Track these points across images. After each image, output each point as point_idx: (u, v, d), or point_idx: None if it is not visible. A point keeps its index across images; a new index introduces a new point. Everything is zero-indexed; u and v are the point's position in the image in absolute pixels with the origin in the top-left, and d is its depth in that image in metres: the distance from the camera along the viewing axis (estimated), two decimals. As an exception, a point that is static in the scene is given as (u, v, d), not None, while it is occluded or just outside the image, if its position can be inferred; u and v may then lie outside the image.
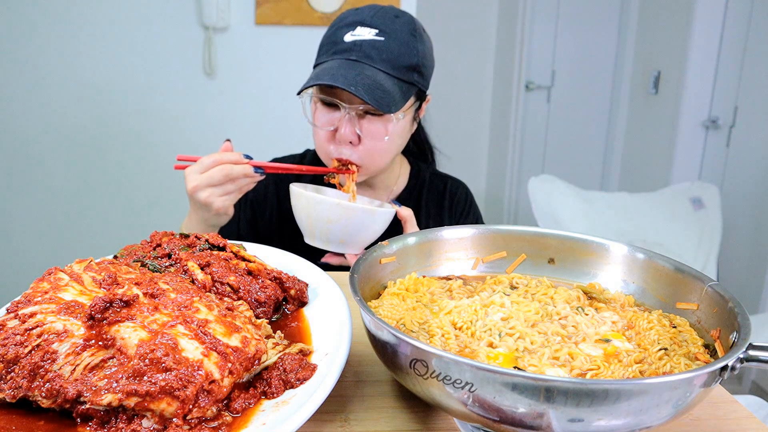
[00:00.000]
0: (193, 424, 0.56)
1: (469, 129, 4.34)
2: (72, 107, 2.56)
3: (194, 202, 1.09)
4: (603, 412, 0.49)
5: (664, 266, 0.75)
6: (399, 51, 1.13)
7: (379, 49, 1.11)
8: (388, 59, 1.12)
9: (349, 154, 1.16)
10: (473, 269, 0.85)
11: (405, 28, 1.15)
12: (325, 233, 1.08)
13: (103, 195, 2.68)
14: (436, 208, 1.38)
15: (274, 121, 2.67)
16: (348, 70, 1.09)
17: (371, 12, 1.15)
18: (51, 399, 0.56)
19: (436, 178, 1.42)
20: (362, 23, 1.13)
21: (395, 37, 1.13)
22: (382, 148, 1.17)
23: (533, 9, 3.91)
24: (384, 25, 1.13)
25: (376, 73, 1.10)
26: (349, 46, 1.12)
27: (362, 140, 1.15)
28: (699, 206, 2.88)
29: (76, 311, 0.62)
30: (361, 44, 1.11)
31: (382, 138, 1.15)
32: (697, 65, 3.22)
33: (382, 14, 1.15)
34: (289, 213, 1.35)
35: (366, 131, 1.14)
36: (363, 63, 1.11)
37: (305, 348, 0.68)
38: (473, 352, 0.63)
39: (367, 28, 1.13)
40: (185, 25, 2.51)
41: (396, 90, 1.12)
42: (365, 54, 1.11)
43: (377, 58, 1.11)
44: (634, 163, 3.86)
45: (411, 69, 1.14)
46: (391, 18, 1.15)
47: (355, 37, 1.12)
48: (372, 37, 1.12)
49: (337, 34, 1.15)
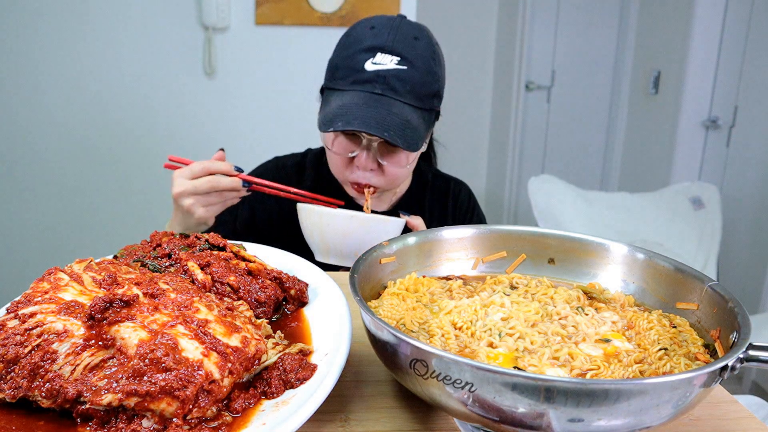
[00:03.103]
0: (193, 424, 0.56)
1: (469, 129, 4.34)
2: (72, 107, 2.56)
3: (177, 206, 1.09)
4: (603, 412, 0.49)
5: (664, 266, 0.75)
6: (422, 80, 1.10)
7: (404, 81, 1.08)
8: (412, 90, 1.09)
9: (368, 178, 1.15)
10: (473, 269, 0.85)
11: (426, 52, 1.11)
12: (340, 248, 1.06)
13: (103, 195, 2.68)
14: (439, 210, 1.38)
15: (274, 121, 2.67)
16: (376, 109, 1.06)
17: (390, 35, 1.10)
18: (51, 399, 0.56)
19: (439, 179, 1.41)
20: (382, 49, 1.09)
21: (417, 64, 1.09)
22: (402, 174, 1.17)
23: (533, 9, 3.91)
24: (405, 51, 1.09)
25: (402, 108, 1.08)
26: (371, 76, 1.08)
27: (383, 168, 1.14)
28: (699, 206, 2.88)
29: (76, 311, 0.62)
30: (385, 75, 1.07)
31: (403, 166, 1.15)
32: (697, 65, 3.22)
33: (402, 38, 1.10)
34: (289, 213, 1.35)
35: (388, 160, 1.13)
36: (389, 98, 1.07)
37: (305, 348, 0.68)
38: (473, 352, 0.63)
39: (388, 55, 1.08)
40: (185, 25, 2.51)
41: (421, 123, 1.10)
42: (390, 86, 1.07)
43: (402, 91, 1.08)
44: (634, 163, 3.86)
45: (432, 96, 1.12)
46: (410, 42, 1.11)
47: (378, 67, 1.08)
48: (394, 66, 1.08)
49: (356, 60, 1.10)
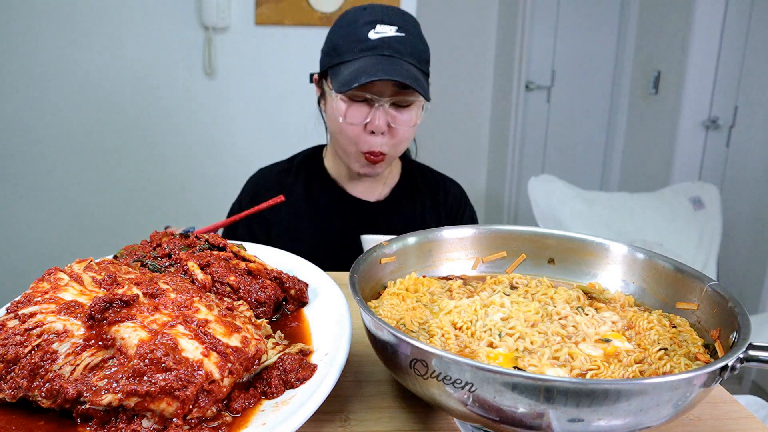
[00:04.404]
0: (193, 424, 0.56)
1: (469, 129, 4.34)
2: (72, 107, 2.56)
3: None
4: (603, 412, 0.49)
5: (664, 266, 0.75)
6: (419, 46, 1.21)
7: (405, 44, 1.18)
8: (413, 53, 1.19)
9: (380, 144, 1.23)
10: (473, 269, 0.85)
11: (416, 25, 1.23)
12: None
13: (103, 195, 2.68)
14: (432, 201, 1.42)
15: (274, 121, 2.67)
16: (389, 65, 1.15)
17: (384, 11, 1.21)
18: (51, 399, 0.56)
19: (430, 173, 1.46)
20: (381, 21, 1.19)
21: (413, 33, 1.21)
22: (408, 135, 1.25)
23: (533, 9, 3.90)
24: (401, 22, 1.20)
25: (409, 66, 1.17)
26: (376, 43, 1.17)
27: (392, 129, 1.22)
28: (699, 206, 2.88)
29: (76, 311, 0.62)
30: (389, 41, 1.17)
31: (410, 126, 1.23)
32: (697, 65, 3.22)
33: (394, 12, 1.22)
34: (287, 213, 1.35)
35: (397, 121, 1.21)
36: (396, 58, 1.17)
37: (305, 348, 0.68)
38: (473, 352, 0.63)
39: (386, 26, 1.18)
40: (185, 25, 2.51)
41: (425, 81, 1.21)
42: (395, 50, 1.17)
43: (406, 53, 1.18)
44: (634, 163, 3.86)
45: (427, 62, 1.24)
46: (400, 15, 1.22)
47: (380, 34, 1.18)
48: (395, 33, 1.18)
49: (360, 32, 1.19)
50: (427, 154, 1.57)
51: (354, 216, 1.36)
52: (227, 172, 2.66)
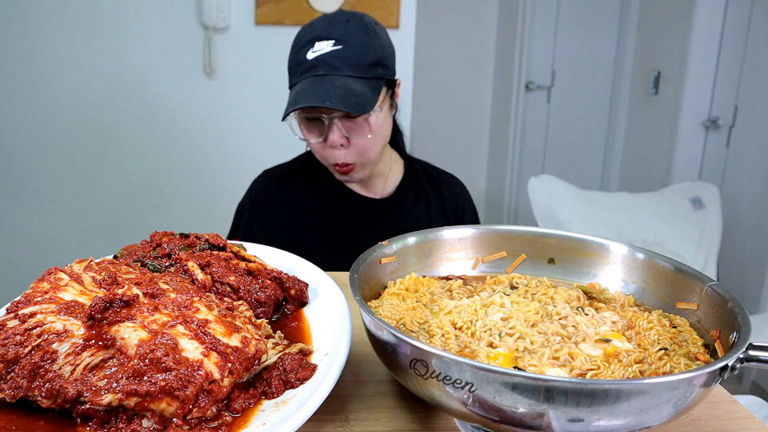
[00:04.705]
0: (193, 424, 0.56)
1: (469, 129, 4.34)
2: (72, 107, 2.56)
3: None
4: (603, 412, 0.49)
5: (664, 266, 0.75)
6: (359, 53, 1.19)
7: (341, 58, 1.18)
8: (351, 64, 1.18)
9: (344, 156, 1.24)
10: (473, 269, 0.85)
11: (358, 30, 1.21)
12: None
13: (103, 195, 2.68)
14: (435, 195, 1.42)
15: (274, 121, 2.65)
16: (319, 86, 1.16)
17: (324, 23, 1.22)
18: (51, 399, 0.56)
19: (432, 168, 1.47)
20: (318, 38, 1.20)
21: (351, 41, 1.19)
22: (370, 143, 1.24)
23: (533, 9, 3.90)
24: (338, 33, 1.20)
25: (345, 80, 1.17)
26: (312, 63, 1.19)
27: (351, 141, 1.22)
28: (699, 206, 2.88)
29: (76, 311, 0.62)
30: (324, 58, 1.18)
31: (366, 135, 1.23)
32: (697, 65, 3.22)
33: (334, 22, 1.21)
34: (289, 213, 1.35)
35: (352, 132, 1.22)
36: (330, 75, 1.17)
37: (305, 348, 0.68)
38: (473, 352, 0.63)
39: (324, 41, 1.19)
40: (185, 25, 2.51)
41: (367, 90, 1.19)
42: (330, 65, 1.18)
43: (341, 66, 1.18)
44: (634, 163, 3.86)
45: (374, 65, 1.21)
46: (342, 24, 1.21)
47: (316, 53, 1.19)
48: (331, 48, 1.19)
49: (300, 55, 1.21)
50: (427, 154, 1.56)
51: (358, 214, 1.36)
52: (226, 172, 2.66)
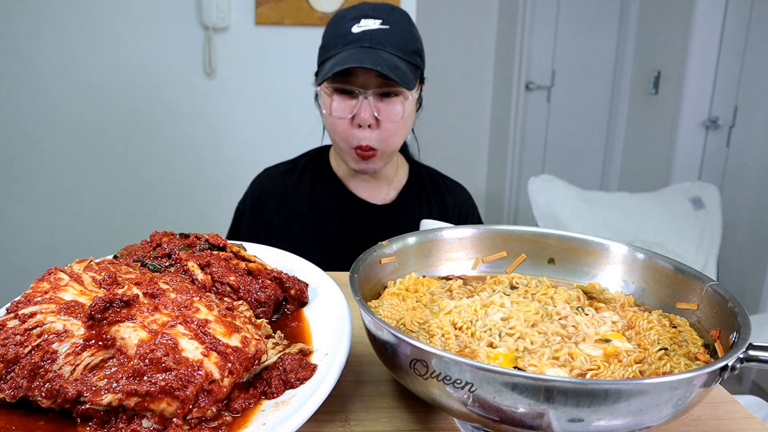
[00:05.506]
0: (193, 424, 0.56)
1: (469, 129, 4.34)
2: (72, 107, 2.56)
3: None
4: (603, 412, 0.49)
5: (664, 266, 0.75)
6: (404, 37, 1.22)
7: (388, 35, 1.20)
8: (396, 44, 1.20)
9: (369, 138, 1.22)
10: (473, 269, 0.85)
11: (402, 17, 1.25)
12: None
13: (103, 195, 2.68)
14: (438, 202, 1.41)
15: (274, 121, 2.67)
16: (366, 54, 1.16)
17: (372, 7, 1.24)
18: (51, 399, 0.56)
19: (437, 174, 1.46)
20: (365, 16, 1.21)
21: (398, 25, 1.22)
22: (398, 129, 1.24)
23: (533, 9, 3.90)
24: (385, 16, 1.22)
25: (390, 56, 1.18)
26: (359, 36, 1.19)
27: (380, 123, 1.22)
28: (699, 206, 2.88)
29: (76, 311, 0.62)
30: (371, 33, 1.19)
31: (397, 118, 1.22)
32: (697, 65, 3.22)
33: (380, 7, 1.24)
34: (290, 214, 1.35)
35: (383, 113, 1.21)
36: (376, 49, 1.18)
37: (305, 348, 0.68)
38: (473, 352, 0.63)
39: (371, 19, 1.21)
40: (185, 25, 2.51)
41: (408, 71, 1.20)
42: (376, 41, 1.19)
43: (387, 44, 1.19)
44: (634, 163, 3.86)
45: (414, 53, 1.24)
46: (388, 9, 1.24)
47: (363, 28, 1.20)
48: (378, 26, 1.20)
49: (343, 29, 1.21)
50: (427, 154, 1.56)
51: (358, 217, 1.35)
52: (226, 172, 2.66)
